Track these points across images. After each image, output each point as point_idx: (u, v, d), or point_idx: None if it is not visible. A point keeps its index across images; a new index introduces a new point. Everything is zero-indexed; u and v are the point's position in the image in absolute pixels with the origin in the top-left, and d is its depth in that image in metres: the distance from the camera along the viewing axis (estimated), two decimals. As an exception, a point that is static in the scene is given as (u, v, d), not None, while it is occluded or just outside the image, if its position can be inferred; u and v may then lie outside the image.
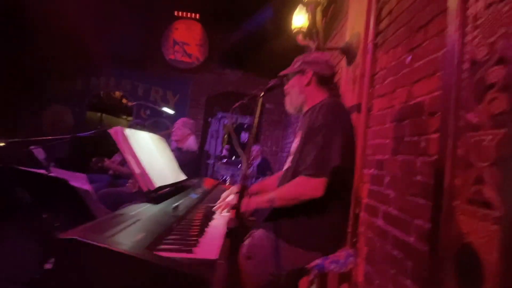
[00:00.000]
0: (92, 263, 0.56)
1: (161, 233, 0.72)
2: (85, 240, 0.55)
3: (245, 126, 5.27)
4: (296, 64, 1.16)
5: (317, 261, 0.97)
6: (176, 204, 1.01)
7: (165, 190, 1.14)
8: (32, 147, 2.38)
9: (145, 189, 1.02)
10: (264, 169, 4.03)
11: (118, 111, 5.96)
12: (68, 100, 4.86)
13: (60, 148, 4.48)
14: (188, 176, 2.36)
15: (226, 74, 5.16)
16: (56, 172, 1.33)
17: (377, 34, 1.46)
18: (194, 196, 1.30)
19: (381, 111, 1.32)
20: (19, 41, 4.08)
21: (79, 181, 1.25)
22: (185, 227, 0.82)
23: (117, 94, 5.35)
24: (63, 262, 0.56)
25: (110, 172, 3.07)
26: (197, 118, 5.13)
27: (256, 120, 0.92)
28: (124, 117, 6.33)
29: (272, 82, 1.14)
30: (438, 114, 0.92)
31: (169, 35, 4.95)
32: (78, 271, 0.56)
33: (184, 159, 2.34)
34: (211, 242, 0.73)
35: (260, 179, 3.98)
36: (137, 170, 1.03)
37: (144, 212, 0.86)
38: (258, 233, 1.00)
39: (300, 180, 0.95)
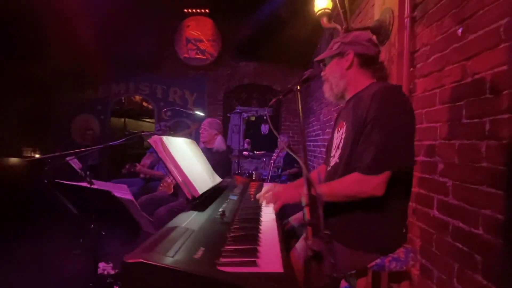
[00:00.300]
0: (161, 285, 0.54)
1: (218, 245, 0.70)
2: (151, 263, 0.53)
3: (265, 118, 5.20)
4: (334, 46, 1.05)
5: (377, 261, 0.92)
6: (222, 209, 0.99)
7: (207, 195, 1.12)
8: (68, 158, 2.48)
9: (189, 196, 1.01)
10: (292, 160, 3.95)
11: (140, 114, 6.10)
12: (93, 109, 5.03)
13: (92, 155, 4.69)
14: (221, 176, 2.36)
15: (241, 67, 5.09)
16: (98, 184, 1.36)
17: (414, 7, 1.33)
18: (233, 197, 1.28)
19: (427, 92, 1.21)
20: (38, 55, 4.23)
21: (121, 191, 1.27)
22: (238, 235, 0.80)
23: (137, 98, 5.47)
24: (131, 286, 0.55)
25: (141, 175, 3.15)
26: (216, 114, 5.14)
27: (300, 114, 0.84)
28: (146, 119, 6.48)
29: (307, 73, 1.05)
30: (506, 92, 0.81)
31: (181, 33, 4.93)
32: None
33: (215, 160, 2.34)
34: (270, 251, 0.70)
35: (286, 171, 3.93)
36: (180, 178, 1.02)
37: (194, 222, 0.84)
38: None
39: (358, 177, 0.86)
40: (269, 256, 0.67)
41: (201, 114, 2.80)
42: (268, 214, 1.08)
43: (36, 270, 2.18)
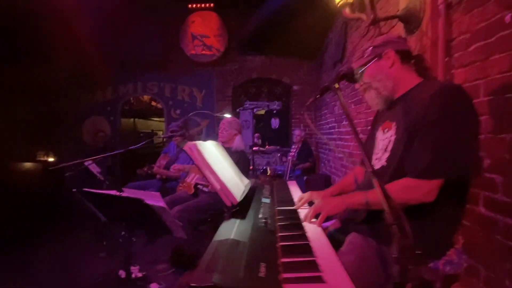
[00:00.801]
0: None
1: (273, 258, 0.68)
2: (225, 286, 0.51)
3: (275, 112, 5.13)
4: (366, 54, 1.00)
5: (430, 265, 0.88)
6: (264, 216, 0.96)
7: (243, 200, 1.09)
8: (87, 163, 2.48)
9: (229, 204, 0.99)
10: (306, 155, 3.91)
11: (149, 114, 6.10)
12: (102, 110, 5.04)
13: (107, 158, 4.72)
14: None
15: (249, 61, 5.01)
16: (129, 192, 1.34)
17: (448, -8, 1.25)
18: (266, 200, 1.25)
19: (469, 83, 1.15)
20: (44, 58, 4.20)
21: (153, 198, 1.25)
22: (289, 246, 0.77)
23: (146, 97, 5.45)
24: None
25: (158, 176, 3.16)
26: (226, 110, 5.10)
27: (345, 110, 0.80)
28: (155, 118, 6.48)
29: (344, 69, 1.00)
30: None
31: (187, 30, 4.85)
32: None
33: (234, 160, 2.31)
34: (329, 263, 0.67)
35: (300, 165, 3.88)
36: (218, 186, 0.99)
37: (241, 233, 0.82)
38: (356, 241, 0.91)
39: (409, 183, 0.82)
40: (332, 270, 0.64)
41: (227, 115, 2.76)
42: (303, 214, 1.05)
43: (65, 274, 2.21)
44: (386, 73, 0.97)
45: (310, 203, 1.23)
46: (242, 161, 2.36)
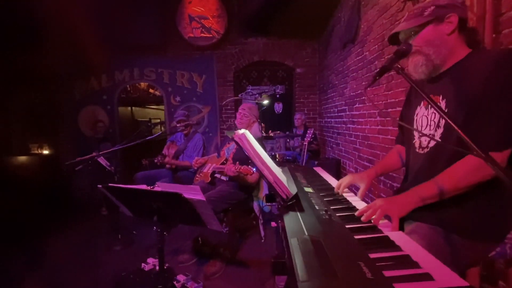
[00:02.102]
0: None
1: (361, 254, 0.63)
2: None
3: (278, 96, 5.03)
4: (426, 12, 0.90)
5: (497, 249, 0.86)
6: (321, 208, 0.92)
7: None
8: (95, 156, 2.37)
9: (285, 196, 0.93)
10: (312, 138, 3.86)
11: (147, 101, 5.88)
12: (98, 99, 4.82)
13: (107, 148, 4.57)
14: None
15: (250, 43, 4.82)
16: (162, 187, 1.27)
17: (498, -38, 1.17)
18: (308, 189, 1.20)
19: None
20: (35, 45, 3.92)
21: (191, 192, 1.19)
22: (366, 238, 0.73)
23: (143, 85, 5.23)
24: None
25: (168, 166, 3.07)
26: (227, 96, 4.96)
27: (422, 93, 0.73)
28: (152, 106, 6.27)
29: (403, 46, 0.92)
30: None
31: (184, 11, 4.58)
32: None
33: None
34: (421, 256, 0.63)
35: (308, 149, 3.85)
36: (271, 178, 0.93)
37: (313, 228, 0.77)
38: (422, 230, 0.87)
39: (478, 160, 0.77)
40: (430, 264, 0.60)
41: (265, 101, 2.67)
42: (357, 204, 1.01)
43: (83, 270, 2.17)
44: (443, 39, 0.89)
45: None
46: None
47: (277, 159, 3.60)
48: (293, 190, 0.98)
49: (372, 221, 0.83)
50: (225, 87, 4.93)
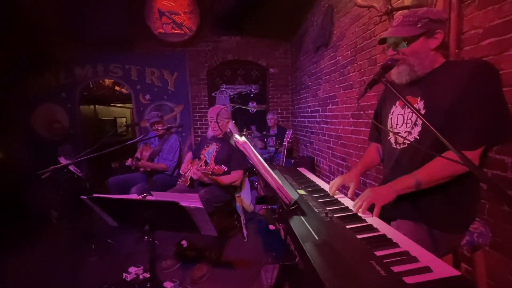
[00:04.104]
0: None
1: (368, 253, 0.71)
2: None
3: (252, 95, 5.07)
4: (421, 22, 0.96)
5: (467, 238, 1.02)
6: (320, 211, 0.99)
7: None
8: (64, 162, 2.19)
9: (287, 202, 0.98)
10: (284, 137, 3.98)
11: (112, 99, 5.49)
12: (56, 97, 4.39)
13: (67, 151, 4.18)
14: (247, 167, 2.31)
15: (223, 41, 4.77)
16: (157, 196, 1.23)
17: (460, -13, 1.34)
18: (301, 191, 1.27)
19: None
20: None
21: (188, 200, 1.17)
22: (368, 237, 0.81)
23: (107, 81, 4.88)
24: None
25: (142, 170, 2.94)
26: (200, 95, 4.87)
27: (405, 101, 0.83)
28: (118, 105, 5.88)
29: (390, 61, 1.01)
30: None
31: (153, 5, 4.37)
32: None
33: (234, 148, 2.25)
34: (415, 251, 0.72)
35: (280, 148, 3.95)
36: (274, 184, 0.97)
37: (320, 232, 0.82)
38: (407, 226, 0.98)
39: (453, 156, 0.90)
40: (425, 258, 0.69)
41: (258, 107, 2.63)
42: (349, 204, 1.10)
43: (62, 286, 1.99)
44: (428, 53, 0.99)
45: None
46: (239, 148, 2.32)
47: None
48: (293, 194, 1.03)
49: (361, 210, 0.98)
50: (199, 85, 4.83)
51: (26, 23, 3.45)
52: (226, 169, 2.05)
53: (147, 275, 1.95)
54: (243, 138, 1.02)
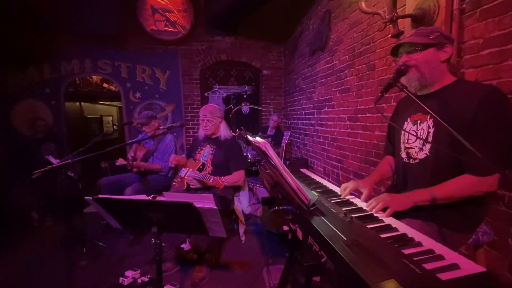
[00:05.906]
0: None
1: (397, 252, 0.73)
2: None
3: (245, 96, 5.07)
4: (433, 34, 1.04)
5: (473, 237, 1.07)
6: (341, 211, 1.00)
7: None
8: (54, 161, 2.08)
9: (307, 202, 0.99)
10: (280, 139, 4.01)
11: (100, 97, 5.29)
12: (39, 93, 4.16)
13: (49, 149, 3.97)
14: (242, 167, 2.29)
15: (217, 41, 4.74)
16: (168, 196, 1.20)
17: (461, -1, 1.41)
18: (314, 193, 1.28)
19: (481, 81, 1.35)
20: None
21: (202, 200, 1.15)
22: (391, 236, 0.83)
23: (95, 78, 4.70)
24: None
25: (135, 170, 2.85)
26: (193, 94, 4.81)
27: (432, 114, 0.87)
28: (104, 102, 5.67)
29: (402, 66, 1.07)
30: None
31: (145, 1, 4.26)
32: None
33: (233, 149, 2.24)
34: (439, 249, 0.75)
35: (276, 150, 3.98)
36: (294, 186, 0.97)
37: (345, 232, 0.83)
38: (417, 225, 1.00)
39: (472, 180, 0.94)
40: (450, 255, 0.72)
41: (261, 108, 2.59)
42: (362, 205, 1.13)
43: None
44: (436, 64, 1.05)
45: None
46: (235, 148, 2.31)
47: (249, 160, 3.65)
48: (311, 195, 1.04)
49: (374, 210, 1.02)
50: (191, 85, 4.76)
51: (8, 11, 3.26)
52: (226, 183, 2.03)
53: (146, 278, 1.89)
54: (262, 140, 1.02)
